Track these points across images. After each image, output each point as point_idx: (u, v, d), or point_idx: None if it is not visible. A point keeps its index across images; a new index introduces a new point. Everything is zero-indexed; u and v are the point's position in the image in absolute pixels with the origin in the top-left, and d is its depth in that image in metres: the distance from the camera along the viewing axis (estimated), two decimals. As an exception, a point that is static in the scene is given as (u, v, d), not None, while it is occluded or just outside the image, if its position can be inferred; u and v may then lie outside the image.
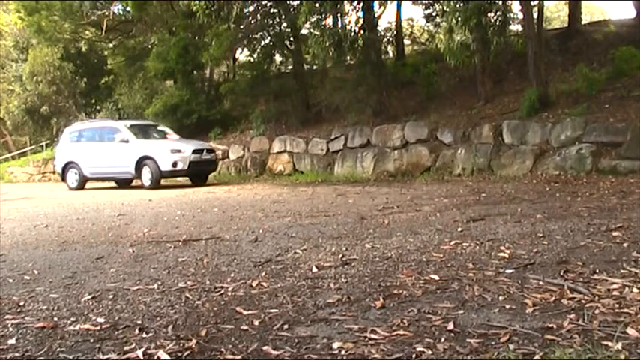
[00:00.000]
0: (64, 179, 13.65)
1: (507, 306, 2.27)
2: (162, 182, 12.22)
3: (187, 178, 12.76)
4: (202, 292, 2.72)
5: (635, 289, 2.38)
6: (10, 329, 2.25)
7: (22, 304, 2.63)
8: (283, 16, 14.76)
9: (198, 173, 12.44)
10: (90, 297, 2.70)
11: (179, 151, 11.81)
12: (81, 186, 13.26)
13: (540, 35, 10.49)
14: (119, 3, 18.56)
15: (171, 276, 3.09)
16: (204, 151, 12.23)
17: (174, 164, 11.62)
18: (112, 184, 13.85)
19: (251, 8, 15.05)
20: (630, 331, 1.91)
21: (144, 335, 2.12)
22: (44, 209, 7.68)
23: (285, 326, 2.15)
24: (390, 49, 16.55)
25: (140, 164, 11.97)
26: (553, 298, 2.33)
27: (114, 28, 19.41)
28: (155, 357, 1.90)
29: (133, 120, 14.97)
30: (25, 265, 3.58)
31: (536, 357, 1.75)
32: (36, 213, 7.13)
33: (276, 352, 1.89)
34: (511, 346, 1.83)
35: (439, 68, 12.95)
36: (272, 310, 2.35)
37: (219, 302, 2.53)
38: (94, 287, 2.90)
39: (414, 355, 1.82)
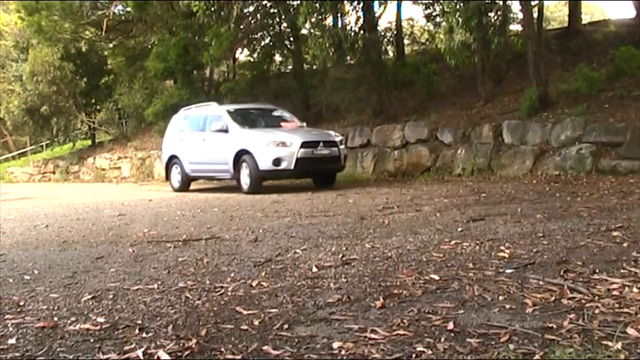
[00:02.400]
0: (167, 177, 11.28)
1: (507, 306, 2.27)
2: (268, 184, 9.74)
3: (308, 180, 10.17)
4: (202, 292, 2.72)
5: (635, 289, 2.38)
6: (10, 329, 2.25)
7: (22, 304, 2.63)
8: (283, 16, 14.75)
9: (313, 173, 9.72)
10: (90, 297, 2.70)
11: (283, 144, 9.01)
12: (184, 187, 10.71)
13: (540, 35, 10.48)
14: (119, 3, 18.55)
15: (171, 276, 3.09)
16: (321, 143, 9.24)
17: (277, 161, 8.88)
18: (216, 184, 11.67)
19: (251, 8, 15.05)
20: (630, 331, 1.91)
21: (144, 335, 2.12)
22: (44, 209, 7.68)
23: (285, 326, 2.15)
24: (390, 49, 16.54)
25: (238, 161, 9.37)
26: (553, 298, 2.33)
27: (114, 28, 19.39)
28: (155, 357, 1.90)
29: (240, 104, 12.20)
30: (25, 265, 3.58)
31: (536, 357, 1.75)
32: (36, 213, 7.13)
33: (276, 352, 1.89)
34: (511, 346, 1.83)
35: (439, 68, 12.95)
36: (272, 310, 2.35)
37: (219, 302, 2.53)
38: (94, 287, 2.90)
39: (414, 355, 1.82)
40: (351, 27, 12.45)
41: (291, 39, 15.96)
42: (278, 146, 9.02)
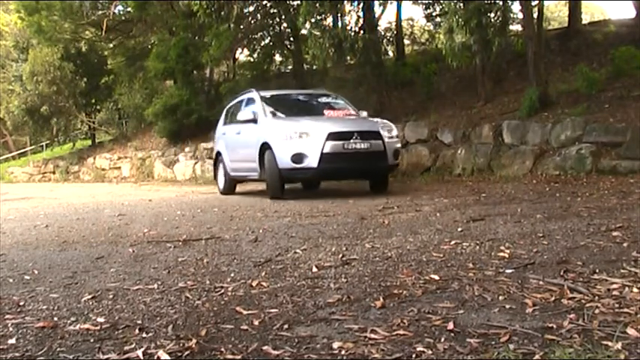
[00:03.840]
0: (215, 177, 9.91)
1: (507, 306, 2.27)
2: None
3: (356, 182, 8.70)
4: (202, 292, 2.72)
5: (635, 289, 2.38)
6: (10, 329, 2.25)
7: (22, 304, 2.63)
8: (283, 16, 14.77)
9: (346, 173, 7.88)
10: (90, 297, 2.70)
11: (305, 135, 7.22)
12: (228, 189, 9.11)
13: (540, 35, 10.49)
14: (119, 3, 18.55)
15: (171, 276, 3.09)
16: (355, 134, 7.23)
17: (297, 157, 7.15)
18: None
19: (251, 8, 15.06)
20: (630, 331, 1.91)
21: (144, 335, 2.12)
22: (44, 209, 7.68)
23: (285, 326, 2.15)
24: (390, 49, 16.56)
25: (262, 157, 7.74)
26: (553, 298, 2.33)
27: (114, 28, 19.41)
28: (155, 357, 1.90)
29: (287, 89, 10.62)
30: (25, 265, 3.58)
31: (536, 357, 1.75)
32: (36, 213, 7.13)
33: (276, 352, 1.89)
34: (511, 346, 1.83)
35: (439, 68, 12.95)
36: (272, 310, 2.35)
37: (219, 302, 2.53)
38: (94, 287, 2.90)
39: (414, 355, 1.82)
40: (351, 27, 12.48)
41: (291, 39, 15.98)
42: (300, 138, 7.19)
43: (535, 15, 10.66)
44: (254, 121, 8.07)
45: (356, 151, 7.25)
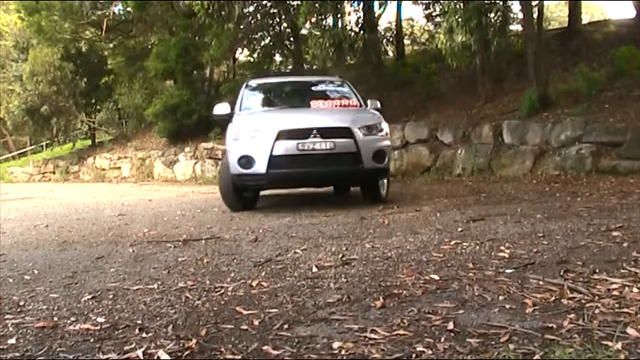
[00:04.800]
0: None
1: (507, 306, 2.27)
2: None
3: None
4: (202, 292, 2.72)
5: (635, 289, 2.38)
6: (10, 329, 2.25)
7: (22, 304, 2.63)
8: (283, 16, 14.78)
9: (303, 181, 6.53)
10: (90, 297, 2.70)
11: (256, 134, 5.93)
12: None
13: (540, 35, 10.49)
14: (119, 3, 18.56)
15: (171, 276, 3.09)
16: (315, 132, 5.79)
17: (245, 161, 5.87)
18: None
19: (251, 8, 15.07)
20: (630, 331, 1.91)
21: (144, 335, 2.12)
22: (44, 209, 7.68)
23: (285, 326, 2.15)
24: (390, 49, 16.57)
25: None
26: (553, 298, 2.33)
27: (114, 28, 19.41)
28: (155, 357, 1.90)
29: (291, 75, 9.22)
30: (25, 265, 3.58)
31: (536, 357, 1.75)
32: (36, 213, 7.13)
33: (276, 352, 1.89)
34: (511, 346, 1.83)
35: (439, 68, 12.96)
36: (272, 310, 2.35)
37: (219, 302, 2.53)
38: (94, 287, 2.90)
39: (414, 355, 1.82)
40: (351, 27, 12.48)
41: (291, 39, 15.99)
42: (251, 138, 5.92)
43: (535, 15, 10.66)
44: (229, 116, 6.67)
45: (314, 153, 5.78)
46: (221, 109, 6.82)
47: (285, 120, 6.18)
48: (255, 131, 5.95)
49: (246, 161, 5.89)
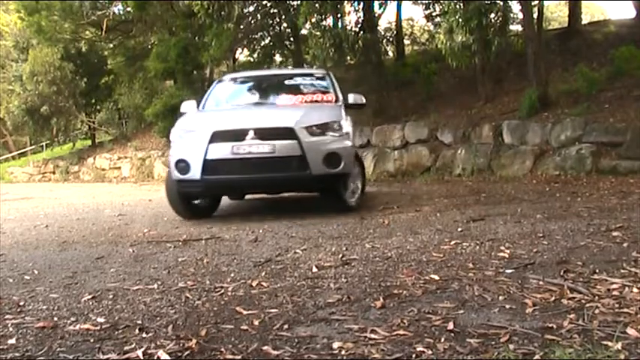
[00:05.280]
0: None
1: (507, 306, 2.27)
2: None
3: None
4: (202, 292, 2.72)
5: (635, 289, 2.38)
6: (10, 329, 2.25)
7: (22, 304, 2.63)
8: (283, 16, 14.78)
9: (243, 187, 5.75)
10: (90, 297, 2.70)
11: (193, 135, 5.35)
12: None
13: (540, 35, 10.48)
14: (119, 3, 18.55)
15: (171, 276, 3.09)
16: (253, 133, 5.12)
17: (182, 166, 5.31)
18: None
19: (251, 8, 15.06)
20: (630, 331, 1.91)
21: (144, 335, 2.12)
22: (44, 209, 7.68)
23: (285, 326, 2.15)
24: (390, 50, 16.57)
25: None
26: (553, 298, 2.33)
27: (114, 28, 19.39)
28: (155, 357, 1.90)
29: (266, 70, 8.50)
30: (25, 265, 3.58)
31: (536, 357, 1.75)
32: (36, 213, 7.13)
33: (276, 352, 1.89)
34: (511, 346, 1.83)
35: (439, 68, 12.95)
36: (272, 310, 2.35)
37: (219, 302, 2.53)
38: (94, 287, 2.90)
39: (414, 355, 1.82)
40: (351, 27, 12.47)
41: (291, 39, 15.98)
42: (188, 139, 5.36)
43: (535, 15, 10.66)
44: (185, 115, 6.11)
45: (251, 157, 5.10)
46: (187, 106, 6.31)
47: (225, 119, 5.60)
48: (191, 132, 5.36)
49: (183, 166, 5.29)
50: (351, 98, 6.29)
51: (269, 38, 16.19)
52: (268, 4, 14.83)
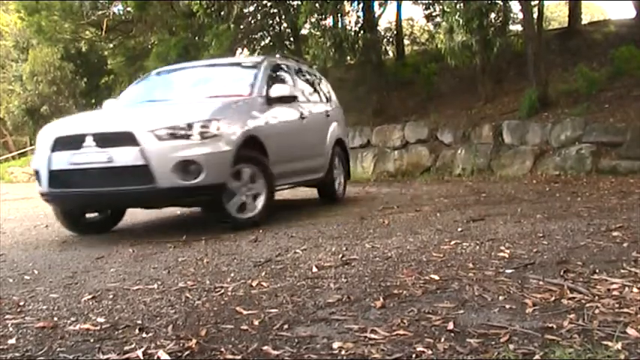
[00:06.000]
0: None
1: (507, 306, 2.27)
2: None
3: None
4: (202, 292, 2.73)
5: (635, 289, 2.38)
6: (10, 329, 2.25)
7: (22, 304, 2.63)
8: (283, 16, 14.76)
9: (87, 202, 4.79)
10: (90, 297, 2.70)
11: (41, 141, 4.75)
12: None
13: (540, 35, 10.48)
14: (119, 3, 18.55)
15: (171, 276, 3.09)
16: (91, 139, 4.37)
17: (37, 176, 4.77)
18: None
19: (251, 8, 15.05)
20: (630, 331, 1.91)
21: (144, 335, 2.12)
22: (44, 209, 7.67)
23: (285, 326, 2.15)
24: (390, 49, 16.56)
25: None
26: (553, 298, 2.33)
27: (114, 28, 19.39)
28: (155, 357, 1.90)
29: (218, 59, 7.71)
30: (25, 265, 3.58)
31: (536, 357, 1.75)
32: (36, 213, 7.13)
33: (276, 352, 1.89)
34: (511, 346, 1.83)
35: (439, 68, 12.95)
36: (272, 310, 2.35)
37: (219, 302, 2.53)
38: (94, 287, 2.90)
39: (414, 355, 1.82)
40: (351, 27, 12.47)
41: (291, 39, 15.96)
42: (39, 147, 4.75)
43: (535, 15, 10.66)
44: None
45: (88, 168, 4.40)
46: (106, 106, 5.93)
47: (71, 123, 4.96)
48: (43, 138, 4.70)
49: (37, 177, 4.71)
50: (275, 90, 5.40)
51: (269, 38, 16.17)
52: (268, 4, 14.81)
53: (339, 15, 12.72)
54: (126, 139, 4.30)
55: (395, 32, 15.97)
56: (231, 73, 6.09)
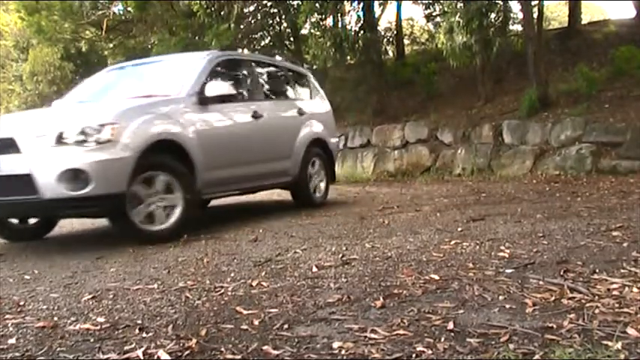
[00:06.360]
0: None
1: (507, 306, 2.27)
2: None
3: None
4: (202, 291, 2.73)
5: (635, 289, 2.38)
6: (10, 329, 2.25)
7: (22, 303, 2.63)
8: (283, 16, 14.77)
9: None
10: (90, 297, 2.70)
11: None
12: None
13: (540, 35, 10.48)
14: (119, 3, 18.54)
15: (172, 276, 3.09)
16: None
17: None
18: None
19: (251, 8, 15.05)
20: (630, 331, 1.91)
21: (144, 335, 2.12)
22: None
23: (285, 326, 2.15)
24: (390, 49, 16.54)
25: None
26: (553, 298, 2.33)
27: (114, 28, 19.38)
28: (155, 357, 1.90)
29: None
30: (25, 265, 3.58)
31: (536, 357, 1.75)
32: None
33: (276, 352, 1.89)
34: (511, 346, 1.83)
35: (439, 68, 12.94)
36: (272, 310, 2.35)
37: (219, 302, 2.53)
38: (94, 287, 2.90)
39: (414, 355, 1.82)
40: (351, 27, 12.46)
41: (291, 39, 15.96)
42: None
43: (535, 15, 10.66)
44: None
45: None
46: (54, 106, 5.63)
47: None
48: None
49: None
50: (212, 89, 4.91)
51: (269, 38, 16.18)
52: (268, 4, 14.82)
53: (339, 15, 12.71)
54: (10, 145, 3.95)
55: (395, 32, 15.96)
56: (171, 71, 5.57)
